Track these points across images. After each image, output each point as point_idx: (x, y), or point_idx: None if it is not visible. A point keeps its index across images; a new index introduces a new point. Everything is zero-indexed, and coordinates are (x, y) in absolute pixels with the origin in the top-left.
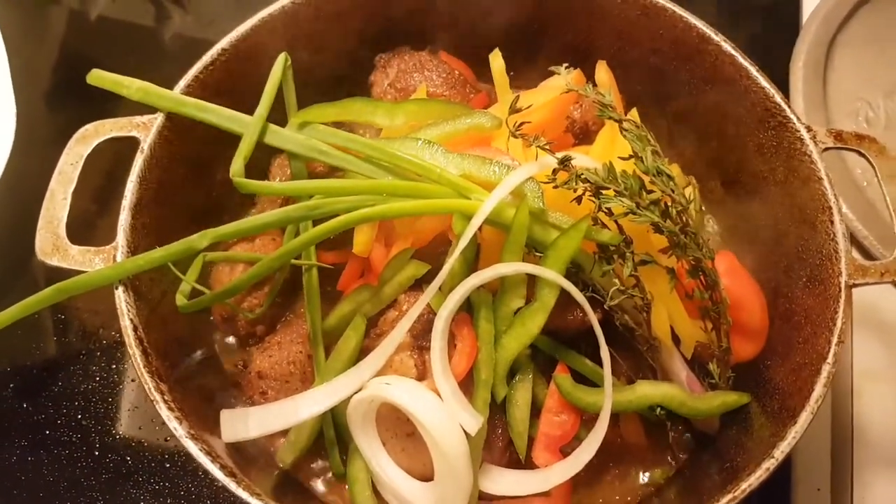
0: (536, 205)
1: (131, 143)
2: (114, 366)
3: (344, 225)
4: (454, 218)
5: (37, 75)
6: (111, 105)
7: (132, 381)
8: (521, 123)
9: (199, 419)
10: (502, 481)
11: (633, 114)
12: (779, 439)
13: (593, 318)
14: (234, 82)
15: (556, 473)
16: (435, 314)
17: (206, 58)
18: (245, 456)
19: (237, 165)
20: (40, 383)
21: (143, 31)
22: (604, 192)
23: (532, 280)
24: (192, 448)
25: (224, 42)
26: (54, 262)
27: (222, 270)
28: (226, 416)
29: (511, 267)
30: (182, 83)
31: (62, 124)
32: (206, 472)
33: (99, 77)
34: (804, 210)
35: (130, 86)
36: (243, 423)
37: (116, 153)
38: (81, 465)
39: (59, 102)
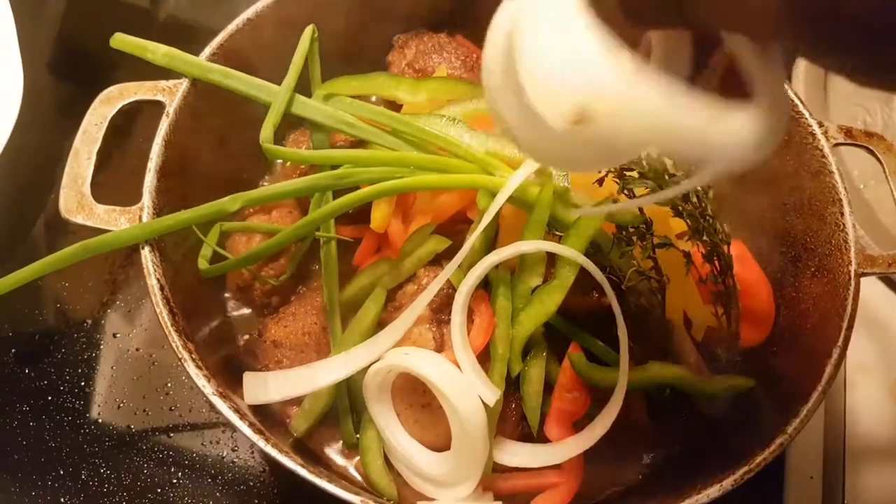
0: (561, 184)
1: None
2: (118, 334)
3: (369, 196)
4: (479, 194)
5: (39, 49)
6: (110, 78)
7: (136, 349)
8: None
9: (223, 383)
10: (517, 453)
11: None
12: (792, 416)
13: (613, 299)
14: (256, 54)
15: (570, 447)
16: (454, 289)
17: (231, 26)
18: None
19: (266, 132)
20: (43, 349)
21: (137, 12)
22: (628, 173)
23: (551, 259)
24: (221, 406)
25: (249, 12)
26: (79, 220)
27: (239, 240)
28: (248, 378)
29: (532, 245)
30: (207, 50)
31: (62, 98)
32: (210, 442)
33: (122, 41)
34: (813, 202)
35: (156, 51)
36: (263, 387)
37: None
38: (84, 432)
39: (59, 75)
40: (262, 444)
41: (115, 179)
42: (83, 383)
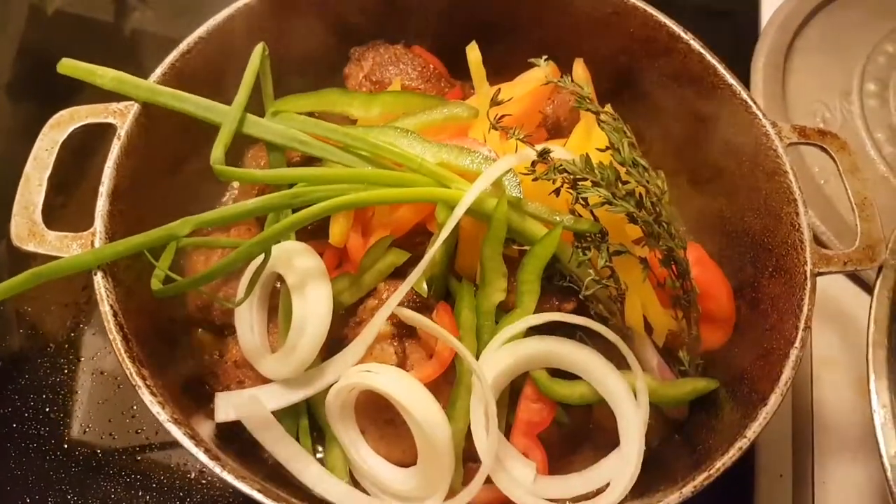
0: (515, 195)
1: (93, 135)
2: (81, 358)
3: (325, 211)
4: (438, 207)
5: None
6: (72, 99)
7: (101, 373)
8: (502, 116)
9: (180, 406)
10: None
11: (608, 108)
12: (750, 420)
13: (615, 336)
14: (210, 72)
15: (574, 485)
16: (416, 303)
17: (183, 46)
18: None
19: (217, 153)
20: (6, 376)
21: (102, 27)
22: (581, 183)
23: (511, 270)
24: (176, 432)
25: (201, 30)
26: (30, 247)
27: (197, 259)
28: (220, 398)
29: (540, 318)
30: (158, 71)
31: (22, 118)
32: (178, 464)
33: (71, 66)
34: (769, 202)
35: (104, 75)
36: (226, 407)
37: (77, 144)
38: (50, 459)
39: (19, 96)
40: (217, 469)
41: (79, 202)
42: (48, 409)
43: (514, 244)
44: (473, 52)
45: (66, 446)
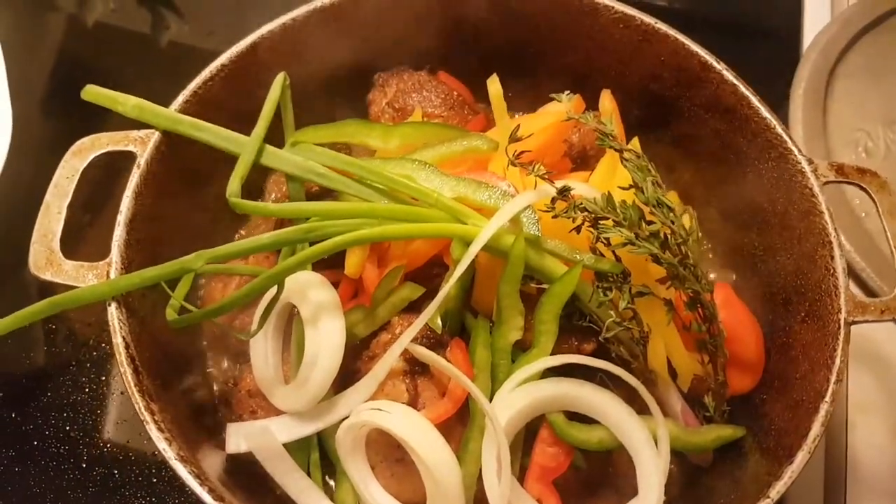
0: (532, 232)
1: (123, 155)
2: (103, 377)
3: (340, 246)
4: (453, 243)
5: (33, 82)
6: (108, 113)
7: (121, 393)
8: (521, 152)
9: (189, 438)
10: None
11: (635, 143)
12: (774, 478)
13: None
14: (233, 98)
15: None
16: (432, 337)
17: (206, 73)
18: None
19: (234, 186)
20: (28, 393)
21: (139, 39)
22: (602, 222)
23: (529, 308)
24: (181, 470)
25: (223, 58)
26: (47, 276)
27: (215, 287)
28: (232, 429)
29: (557, 360)
30: (180, 98)
31: (58, 132)
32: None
33: (94, 93)
34: (803, 243)
35: (126, 102)
36: (237, 438)
37: (108, 163)
38: (69, 477)
39: (55, 110)
40: None
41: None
42: (67, 427)
43: (533, 282)
44: (494, 85)
45: (84, 465)
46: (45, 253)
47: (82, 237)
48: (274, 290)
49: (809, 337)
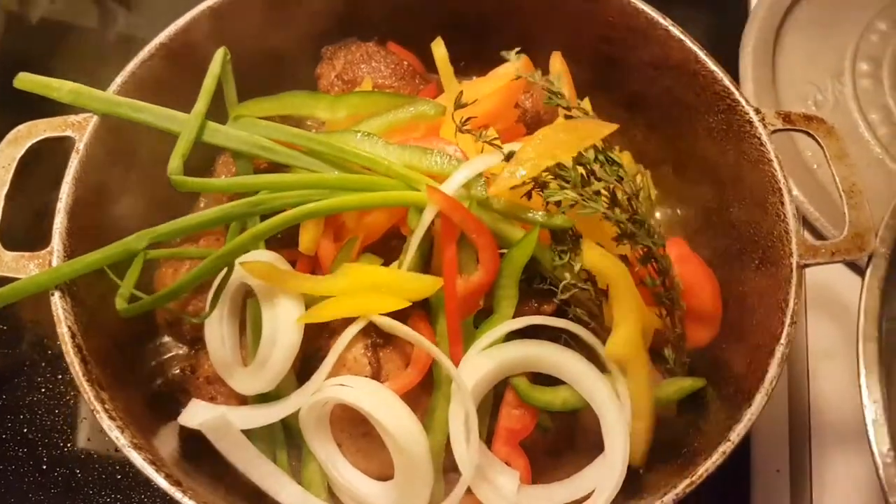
0: (481, 194)
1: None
2: (59, 375)
3: (290, 220)
4: (409, 212)
5: None
6: (58, 107)
7: (77, 392)
8: (469, 118)
9: (144, 427)
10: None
11: (586, 103)
12: (734, 422)
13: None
14: (175, 78)
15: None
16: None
17: (143, 53)
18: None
19: (174, 164)
20: None
21: (86, 33)
22: (551, 182)
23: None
24: (136, 458)
25: (162, 36)
26: None
27: (165, 272)
28: (194, 405)
29: (519, 322)
30: (118, 80)
31: (3, 128)
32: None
33: (28, 81)
34: (754, 192)
35: (61, 88)
36: (193, 414)
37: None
38: (29, 480)
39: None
40: (178, 495)
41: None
42: (25, 429)
43: None
44: (439, 49)
45: (44, 467)
46: None
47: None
48: (226, 271)
49: (764, 284)
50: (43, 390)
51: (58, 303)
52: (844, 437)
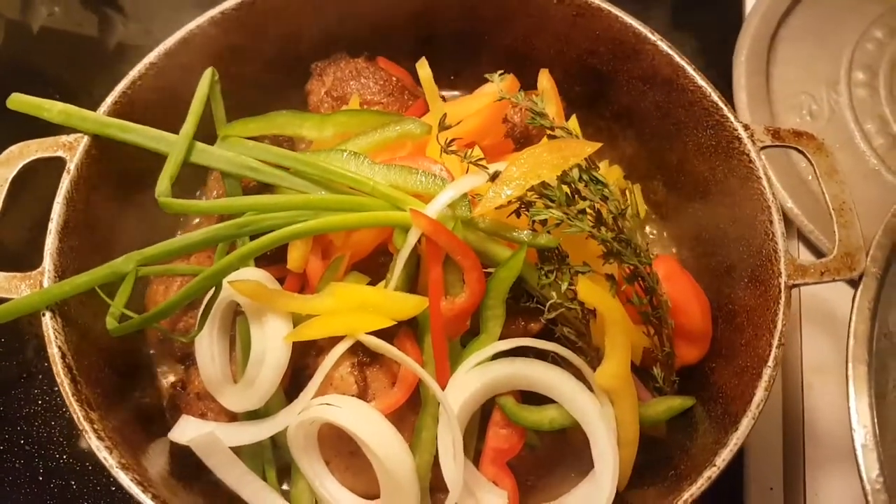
0: (466, 214)
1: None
2: (56, 388)
3: (277, 241)
4: (395, 233)
5: None
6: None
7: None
8: (453, 139)
9: (134, 446)
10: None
11: (573, 121)
12: (721, 446)
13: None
14: (165, 97)
15: None
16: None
17: (134, 72)
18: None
19: (163, 185)
20: None
21: (85, 41)
22: (536, 200)
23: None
24: (123, 478)
25: (152, 56)
26: None
27: (156, 290)
28: (184, 421)
29: (507, 344)
30: (109, 100)
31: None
32: None
33: (19, 101)
34: (744, 209)
35: (52, 109)
36: (183, 430)
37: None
38: (25, 491)
39: None
40: None
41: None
42: (22, 441)
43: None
44: (424, 69)
45: (40, 479)
46: None
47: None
48: (215, 289)
49: (753, 303)
50: (40, 402)
51: (48, 323)
52: (838, 453)
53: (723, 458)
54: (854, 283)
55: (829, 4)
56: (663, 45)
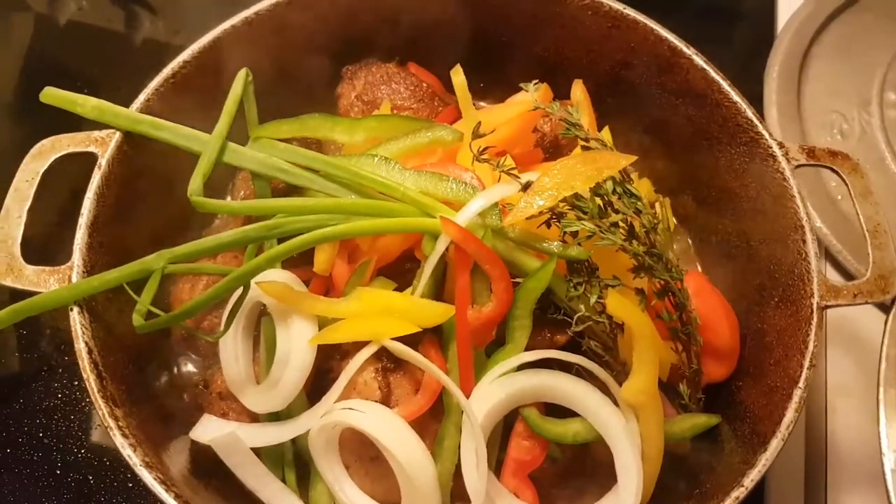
0: (496, 223)
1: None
2: (76, 382)
3: (306, 244)
4: (424, 239)
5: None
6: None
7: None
8: (486, 148)
9: (156, 443)
10: None
11: (606, 133)
12: (749, 467)
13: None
14: (198, 95)
15: None
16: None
17: (167, 71)
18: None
19: (195, 184)
20: (1, 400)
21: (113, 37)
22: (568, 212)
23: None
24: (146, 476)
25: (185, 55)
26: (8, 282)
27: (182, 288)
28: (206, 420)
29: (532, 356)
30: (142, 97)
31: (28, 134)
32: None
33: (53, 95)
34: (776, 227)
35: (85, 104)
36: (205, 429)
37: (85, 167)
38: (43, 485)
39: (25, 112)
40: None
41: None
42: (41, 434)
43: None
44: (458, 76)
45: (58, 472)
46: (5, 258)
47: (61, 244)
48: (241, 290)
49: (783, 322)
50: (59, 396)
51: (76, 318)
52: (862, 477)
53: (751, 478)
54: (884, 307)
55: (863, 23)
56: (699, 60)
